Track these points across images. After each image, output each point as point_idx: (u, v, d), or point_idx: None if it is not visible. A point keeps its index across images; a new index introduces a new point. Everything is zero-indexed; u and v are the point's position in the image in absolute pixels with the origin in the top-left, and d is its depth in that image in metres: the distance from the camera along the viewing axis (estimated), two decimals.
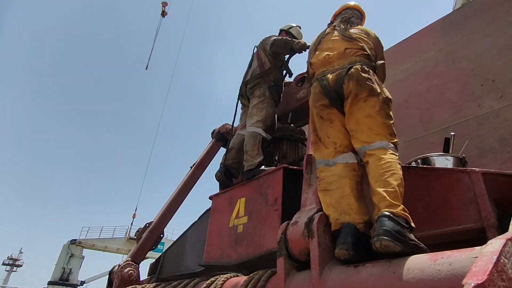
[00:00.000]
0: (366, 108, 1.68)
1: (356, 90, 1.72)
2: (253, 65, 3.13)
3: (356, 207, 1.47)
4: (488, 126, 3.51)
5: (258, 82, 2.96)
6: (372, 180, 1.49)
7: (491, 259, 0.80)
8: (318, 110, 1.84)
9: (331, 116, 1.79)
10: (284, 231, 1.56)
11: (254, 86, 2.97)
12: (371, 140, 1.60)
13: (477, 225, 1.47)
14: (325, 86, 1.83)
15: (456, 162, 2.05)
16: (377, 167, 1.50)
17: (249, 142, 2.66)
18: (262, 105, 2.84)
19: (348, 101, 1.74)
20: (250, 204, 2.34)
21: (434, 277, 0.99)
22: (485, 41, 3.92)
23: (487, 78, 3.76)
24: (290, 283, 1.44)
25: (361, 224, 1.42)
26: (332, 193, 1.55)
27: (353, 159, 1.66)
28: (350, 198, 1.50)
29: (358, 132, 1.66)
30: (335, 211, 1.48)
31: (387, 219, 1.29)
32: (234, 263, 2.24)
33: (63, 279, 25.57)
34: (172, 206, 3.35)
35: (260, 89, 2.92)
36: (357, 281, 1.20)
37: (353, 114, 1.71)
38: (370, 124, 1.64)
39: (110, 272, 2.87)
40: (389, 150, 1.56)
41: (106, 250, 27.64)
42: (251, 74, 3.05)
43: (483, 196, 1.49)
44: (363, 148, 1.61)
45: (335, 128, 1.76)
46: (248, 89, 3.00)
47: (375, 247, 1.25)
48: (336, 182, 1.58)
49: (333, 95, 1.80)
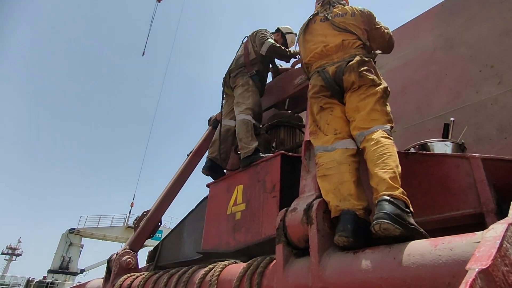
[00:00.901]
0: (366, 97, 1.70)
1: (358, 81, 1.75)
2: (238, 55, 3.13)
3: (355, 193, 1.47)
4: (486, 112, 3.50)
5: (241, 71, 2.96)
6: (371, 164, 1.49)
7: (494, 244, 0.79)
8: (319, 101, 1.84)
9: (332, 106, 1.81)
10: (283, 218, 1.55)
11: (236, 75, 2.96)
12: (368, 125, 1.62)
13: (476, 211, 1.47)
14: (327, 79, 1.85)
15: (455, 148, 2.04)
16: (375, 151, 1.50)
17: (241, 130, 2.66)
18: (248, 93, 2.83)
19: (349, 92, 1.77)
20: (247, 191, 2.33)
21: (435, 262, 0.98)
22: (484, 26, 3.87)
23: (485, 64, 3.74)
24: (289, 270, 1.43)
25: (360, 211, 1.42)
26: (331, 178, 1.55)
27: (353, 145, 1.66)
28: (349, 184, 1.50)
29: (356, 118, 1.68)
30: (335, 197, 1.47)
31: (387, 203, 1.28)
32: (232, 250, 2.25)
33: (63, 267, 25.79)
34: (169, 194, 3.34)
35: (243, 77, 2.91)
36: (356, 267, 1.19)
37: (353, 102, 1.74)
38: (368, 112, 1.66)
39: (109, 260, 2.87)
40: (385, 133, 1.58)
41: (104, 239, 27.84)
42: (235, 63, 3.05)
43: (483, 182, 1.48)
44: (361, 134, 1.62)
45: (336, 115, 1.77)
46: (232, 78, 3.00)
47: (374, 230, 1.25)
48: (335, 168, 1.57)
49: (335, 87, 1.82)
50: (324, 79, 1.85)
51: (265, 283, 1.53)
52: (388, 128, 1.62)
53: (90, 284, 3.00)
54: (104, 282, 2.79)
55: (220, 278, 1.76)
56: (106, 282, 2.75)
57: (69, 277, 25.53)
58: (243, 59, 3.02)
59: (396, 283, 1.05)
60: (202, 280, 1.84)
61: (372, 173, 1.46)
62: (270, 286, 1.49)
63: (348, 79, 1.78)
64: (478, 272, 0.69)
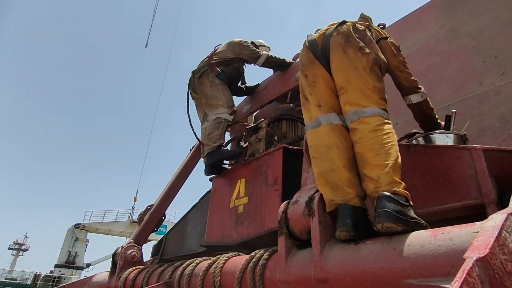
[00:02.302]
0: (356, 67, 1.56)
1: (344, 45, 1.60)
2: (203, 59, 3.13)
3: (347, 180, 1.43)
4: (488, 104, 3.48)
5: (205, 70, 2.93)
6: (369, 151, 1.40)
7: (492, 233, 0.80)
8: (302, 67, 1.73)
9: (315, 73, 1.66)
10: (285, 210, 1.57)
11: (201, 76, 2.93)
12: (363, 103, 1.49)
13: (477, 202, 1.48)
14: (311, 41, 1.72)
15: (457, 139, 2.04)
16: (375, 137, 1.41)
17: (210, 127, 2.70)
18: (218, 90, 2.82)
19: (336, 56, 1.61)
20: (250, 185, 2.35)
21: (435, 252, 1.00)
22: (488, 16, 3.82)
23: (489, 55, 3.69)
24: (291, 261, 1.45)
25: (355, 199, 1.39)
26: (321, 162, 1.50)
27: (337, 120, 1.56)
28: (340, 171, 1.45)
29: (349, 91, 1.54)
30: (326, 184, 1.44)
31: (388, 200, 1.27)
32: (235, 243, 2.27)
33: (69, 262, 26.17)
34: (172, 189, 3.37)
35: (208, 77, 2.89)
36: (358, 258, 1.21)
37: (342, 69, 1.58)
38: (361, 86, 1.52)
39: (114, 254, 2.92)
40: (385, 119, 1.48)
41: (109, 234, 28.14)
42: (198, 66, 3.05)
43: (484, 173, 1.49)
44: (355, 113, 1.49)
45: (318, 87, 1.64)
46: (196, 79, 2.96)
47: (376, 229, 1.25)
48: (325, 153, 1.50)
49: (317, 49, 1.67)
50: (308, 42, 1.72)
51: (267, 274, 1.55)
52: (385, 113, 1.51)
53: (96, 277, 3.05)
54: (109, 275, 2.84)
55: (223, 270, 1.79)
56: (112, 275, 2.80)
57: (75, 271, 25.91)
58: (207, 60, 3.03)
59: (396, 273, 1.06)
60: (206, 272, 1.87)
61: (370, 161, 1.38)
62: (273, 277, 1.51)
63: (335, 40, 1.62)
64: (475, 261, 0.70)
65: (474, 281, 0.67)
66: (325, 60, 1.65)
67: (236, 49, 3.04)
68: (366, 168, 1.40)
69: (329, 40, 1.65)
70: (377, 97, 1.52)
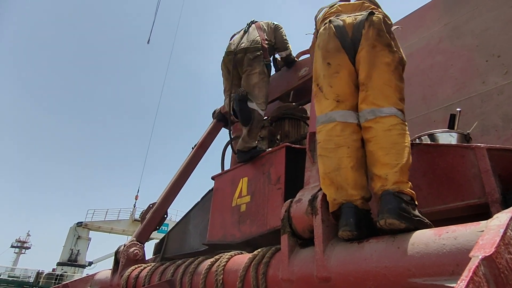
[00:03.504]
0: (381, 64, 1.51)
1: (375, 40, 1.54)
2: (251, 35, 2.83)
3: (353, 182, 1.40)
4: (492, 103, 3.47)
5: (259, 55, 2.70)
6: (380, 149, 1.38)
7: (498, 232, 0.80)
8: (326, 54, 1.61)
9: (339, 63, 1.57)
10: (288, 208, 1.56)
11: (255, 58, 2.67)
12: (381, 103, 1.46)
13: (480, 201, 1.47)
14: (339, 27, 1.61)
15: (460, 138, 2.03)
16: (388, 136, 1.39)
17: (256, 123, 2.59)
18: (263, 83, 2.69)
19: (364, 50, 1.54)
20: (252, 184, 2.35)
21: (439, 252, 0.99)
22: (491, 15, 3.81)
23: (492, 53, 3.68)
24: (294, 259, 1.45)
25: (359, 201, 1.38)
26: (328, 161, 1.47)
27: (354, 119, 1.51)
28: (347, 171, 1.41)
29: (369, 89, 1.49)
30: (331, 184, 1.42)
31: (392, 197, 1.27)
32: (238, 241, 2.27)
33: (72, 260, 26.31)
34: (174, 187, 3.37)
35: (260, 64, 2.68)
36: (361, 257, 1.21)
37: (367, 64, 1.52)
38: (381, 84, 1.49)
39: (116, 252, 2.92)
40: (400, 119, 1.45)
41: (112, 232, 28.25)
42: (251, 43, 2.73)
43: (488, 172, 1.48)
44: (372, 112, 1.45)
45: (341, 78, 1.56)
46: (248, 59, 2.67)
47: (379, 225, 1.25)
48: (333, 151, 1.46)
49: (347, 39, 1.58)
50: (336, 27, 1.60)
51: (270, 272, 1.55)
52: (402, 114, 1.47)
53: (98, 275, 3.06)
54: (112, 273, 2.84)
55: (226, 268, 1.79)
56: (114, 273, 2.81)
57: (77, 270, 26.04)
58: (259, 41, 2.73)
59: (400, 272, 1.06)
60: (208, 270, 1.87)
61: (381, 160, 1.36)
62: (276, 275, 1.51)
63: (367, 34, 1.54)
64: (481, 260, 0.70)
65: (480, 280, 0.67)
66: (353, 52, 1.58)
67: (275, 33, 2.94)
68: (375, 167, 1.38)
69: (361, 31, 1.57)
70: (396, 97, 1.49)
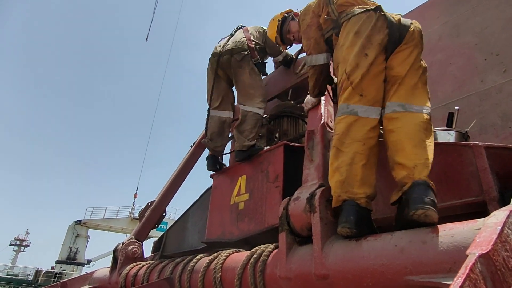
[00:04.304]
0: (416, 66, 1.56)
1: (419, 42, 1.60)
2: (236, 37, 2.81)
3: (361, 179, 1.39)
4: (490, 101, 3.46)
5: (246, 55, 2.66)
6: (408, 140, 1.37)
7: (495, 229, 0.80)
8: (368, 44, 1.56)
9: (376, 57, 1.55)
10: (286, 206, 1.56)
11: (242, 59, 2.65)
12: (412, 101, 1.48)
13: (478, 199, 1.47)
14: (392, 23, 1.59)
15: (458, 136, 2.03)
16: (418, 131, 1.39)
17: (249, 123, 2.58)
18: (256, 82, 2.66)
19: (409, 49, 1.57)
20: (251, 182, 2.35)
21: (436, 249, 1.00)
22: (491, 13, 3.80)
23: (491, 52, 3.68)
24: (292, 257, 1.45)
25: (362, 199, 1.38)
26: (343, 155, 1.45)
27: (376, 115, 1.50)
28: (357, 168, 1.41)
29: (403, 85, 1.52)
30: (339, 179, 1.41)
31: (428, 188, 1.23)
32: (236, 239, 2.28)
33: (71, 258, 26.32)
34: (173, 185, 3.37)
35: (249, 63, 2.66)
36: (358, 254, 1.21)
37: (406, 63, 1.55)
38: (413, 85, 1.52)
39: (115, 250, 2.92)
40: (429, 118, 1.46)
41: (111, 230, 28.25)
42: (236, 44, 2.72)
43: (485, 170, 1.48)
44: (402, 106, 1.47)
45: (373, 71, 1.54)
46: (236, 60, 2.65)
47: (411, 216, 1.18)
48: (349, 145, 1.46)
49: (395, 34, 1.57)
50: (390, 23, 1.58)
51: (268, 270, 1.56)
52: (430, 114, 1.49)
53: (97, 273, 3.06)
54: (110, 271, 2.84)
55: (224, 266, 1.79)
56: (113, 271, 2.81)
57: (76, 268, 26.04)
58: (245, 41, 2.73)
59: (397, 269, 1.06)
60: (206, 268, 1.87)
61: (407, 150, 1.34)
62: (273, 273, 1.51)
63: (412, 34, 1.58)
64: (478, 257, 0.70)
65: (477, 277, 0.67)
66: (391, 49, 1.58)
67: (264, 37, 2.93)
68: (400, 156, 1.36)
69: (406, 30, 1.59)
70: (426, 98, 1.53)
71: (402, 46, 1.57)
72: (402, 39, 1.58)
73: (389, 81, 1.57)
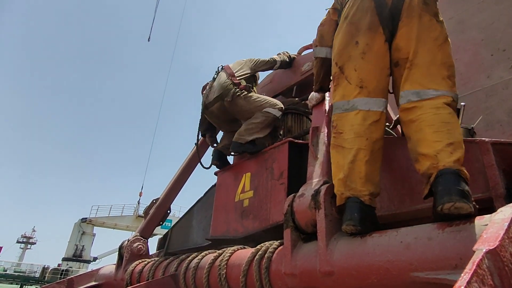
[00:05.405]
0: (428, 39, 1.33)
1: (422, 9, 1.35)
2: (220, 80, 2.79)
3: (365, 176, 1.34)
4: (497, 97, 3.43)
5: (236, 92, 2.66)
6: (427, 128, 1.22)
7: (502, 225, 0.80)
8: (355, 31, 1.43)
9: (368, 43, 1.39)
10: (291, 203, 1.56)
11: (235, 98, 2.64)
12: (427, 84, 1.30)
13: (484, 195, 1.46)
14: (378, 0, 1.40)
15: (464, 133, 2.02)
16: (438, 115, 1.23)
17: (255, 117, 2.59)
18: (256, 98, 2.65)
19: (409, 21, 1.36)
20: (255, 179, 2.35)
21: (442, 245, 0.99)
22: (497, 9, 3.76)
23: (497, 48, 3.64)
24: (297, 254, 1.45)
25: (366, 197, 1.34)
26: (345, 152, 1.38)
27: (378, 107, 1.37)
28: (361, 164, 1.34)
29: (413, 67, 1.32)
30: (343, 177, 1.36)
31: (456, 176, 1.09)
32: (241, 236, 2.28)
33: (77, 255, 26.61)
34: (178, 183, 3.39)
35: (240, 96, 2.64)
36: (364, 251, 1.21)
37: (412, 39, 1.33)
38: (428, 62, 1.31)
39: (120, 247, 2.94)
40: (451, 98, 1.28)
41: (116, 228, 28.49)
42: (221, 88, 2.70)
43: (492, 167, 1.46)
44: (416, 94, 1.29)
45: (369, 61, 1.39)
46: (228, 102, 2.65)
47: (440, 210, 1.07)
48: (351, 141, 1.37)
49: (385, 10, 1.38)
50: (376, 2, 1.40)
51: (273, 267, 1.56)
52: (451, 92, 1.29)
53: (102, 270, 3.09)
54: (116, 268, 2.87)
55: (229, 263, 1.79)
56: (118, 268, 2.83)
57: (82, 265, 26.32)
58: (228, 80, 2.72)
59: (403, 266, 1.06)
60: (211, 265, 1.88)
61: (428, 138, 1.21)
62: (279, 270, 1.52)
63: (411, 3, 1.36)
64: (485, 253, 0.70)
65: (484, 273, 0.66)
66: (391, 26, 1.40)
67: (252, 66, 3.01)
68: (421, 146, 1.24)
69: (403, 1, 1.38)
70: (444, 75, 1.32)
71: (403, 21, 1.38)
72: (399, 13, 1.39)
73: (401, 65, 1.39)
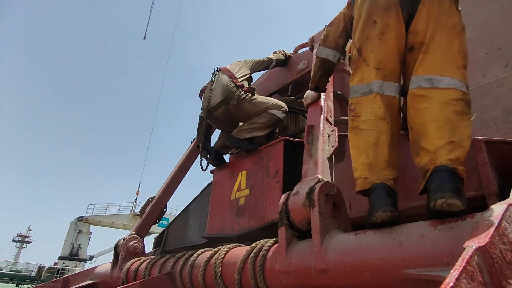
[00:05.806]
0: (447, 25, 1.30)
1: None
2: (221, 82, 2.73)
3: (388, 159, 1.29)
4: (491, 96, 3.45)
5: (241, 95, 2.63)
6: (432, 123, 1.21)
7: (492, 223, 0.80)
8: (374, 9, 1.40)
9: (387, 23, 1.36)
10: (286, 201, 1.57)
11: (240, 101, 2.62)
12: (442, 71, 1.26)
13: (477, 193, 1.47)
14: None
15: None
16: (444, 111, 1.20)
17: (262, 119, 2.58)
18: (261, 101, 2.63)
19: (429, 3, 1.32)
20: (251, 177, 2.35)
21: (435, 243, 1.00)
22: (492, 7, 3.77)
23: (492, 46, 3.66)
24: (291, 252, 1.46)
25: (391, 181, 1.27)
26: (367, 135, 1.34)
27: (393, 92, 1.36)
28: (384, 147, 1.30)
29: (429, 51, 1.29)
30: (366, 160, 1.31)
31: (449, 174, 1.11)
32: (236, 234, 2.29)
33: (73, 254, 26.53)
34: (174, 181, 3.38)
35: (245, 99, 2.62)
36: (357, 248, 1.22)
37: (430, 22, 1.30)
38: (445, 47, 1.28)
39: (116, 245, 2.93)
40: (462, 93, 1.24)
41: (112, 226, 28.41)
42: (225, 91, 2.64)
43: (485, 165, 1.48)
44: (429, 80, 1.26)
45: (386, 42, 1.36)
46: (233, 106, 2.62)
47: (432, 206, 1.08)
48: (373, 123, 1.33)
49: None
50: None
51: (268, 265, 1.56)
52: (464, 85, 1.25)
53: (98, 268, 3.08)
54: (112, 266, 2.86)
55: (224, 261, 1.80)
56: (114, 266, 2.82)
57: (78, 263, 26.25)
58: (231, 83, 2.67)
59: (395, 263, 1.07)
60: (207, 262, 1.89)
61: (431, 133, 1.20)
62: (273, 267, 1.52)
63: None
64: (475, 250, 0.71)
65: (474, 269, 0.67)
66: (410, 8, 1.36)
67: (250, 66, 3.05)
68: (424, 140, 1.23)
69: None
70: (460, 64, 1.29)
71: (424, 2, 1.34)
72: None
73: (416, 49, 1.35)
